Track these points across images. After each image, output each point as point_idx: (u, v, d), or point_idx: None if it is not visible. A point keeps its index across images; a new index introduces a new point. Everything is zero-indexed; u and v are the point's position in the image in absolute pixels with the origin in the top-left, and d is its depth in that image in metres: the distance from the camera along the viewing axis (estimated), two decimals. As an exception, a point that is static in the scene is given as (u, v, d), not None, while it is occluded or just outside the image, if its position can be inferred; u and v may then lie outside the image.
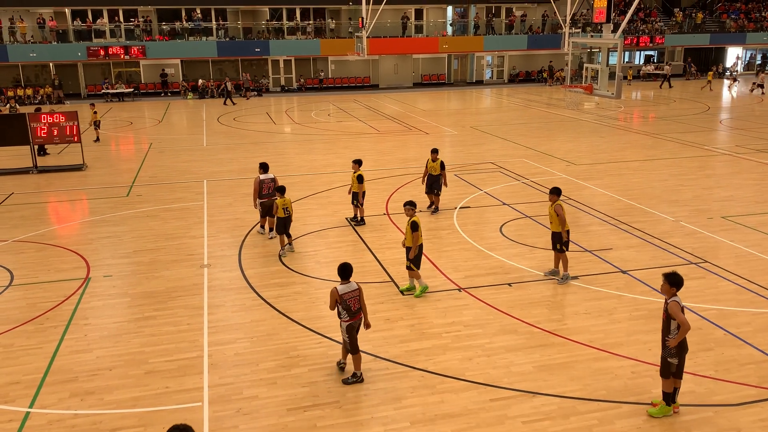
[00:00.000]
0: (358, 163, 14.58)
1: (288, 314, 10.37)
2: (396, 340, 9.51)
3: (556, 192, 11.28)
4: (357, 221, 14.87)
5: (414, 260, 10.83)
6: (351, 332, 8.32)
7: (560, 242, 11.20)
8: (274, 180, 13.84)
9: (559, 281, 11.40)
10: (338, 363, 8.78)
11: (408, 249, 10.87)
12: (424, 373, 8.64)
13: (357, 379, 8.43)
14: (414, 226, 10.66)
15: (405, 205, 11.06)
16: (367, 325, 8.53)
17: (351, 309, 8.23)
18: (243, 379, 8.53)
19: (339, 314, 8.32)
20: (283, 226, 12.94)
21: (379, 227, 14.72)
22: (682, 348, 7.47)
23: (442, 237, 14.02)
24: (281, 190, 12.95)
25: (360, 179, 14.33)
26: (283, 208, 12.77)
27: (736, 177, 18.89)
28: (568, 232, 11.24)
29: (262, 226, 14.22)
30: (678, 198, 16.69)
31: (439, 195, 15.60)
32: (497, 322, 10.02)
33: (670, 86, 43.84)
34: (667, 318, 7.44)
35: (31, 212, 16.32)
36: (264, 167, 13.95)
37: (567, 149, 23.21)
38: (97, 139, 26.32)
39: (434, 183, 15.42)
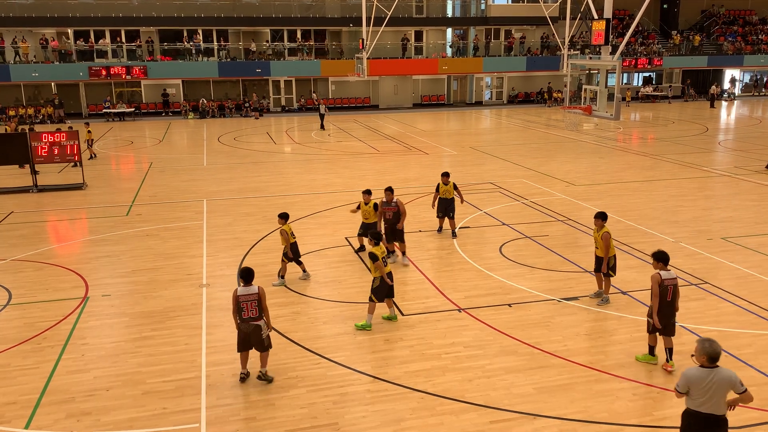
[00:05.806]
0: (368, 193, 13.68)
1: (286, 334, 10.31)
2: (395, 361, 9.45)
3: (602, 217, 11.11)
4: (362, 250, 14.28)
5: (374, 291, 10.43)
6: (239, 334, 8.81)
7: (608, 267, 11.11)
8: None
9: (599, 302, 11.34)
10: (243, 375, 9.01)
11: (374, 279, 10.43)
12: (424, 394, 8.57)
13: (265, 377, 8.90)
14: (372, 257, 10.29)
15: (368, 235, 10.84)
16: (270, 328, 8.96)
17: (242, 314, 8.67)
18: (241, 400, 8.46)
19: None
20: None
21: (378, 247, 14.65)
22: (659, 312, 8.81)
23: (442, 257, 14.00)
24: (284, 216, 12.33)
25: (375, 208, 13.58)
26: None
27: (736, 198, 18.92)
28: (614, 257, 11.19)
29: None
30: (677, 219, 16.69)
31: (454, 218, 15.32)
32: (497, 343, 9.97)
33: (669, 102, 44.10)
34: None
35: (30, 231, 16.31)
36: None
37: (566, 170, 23.27)
38: (92, 156, 26.69)
39: (449, 207, 15.10)
